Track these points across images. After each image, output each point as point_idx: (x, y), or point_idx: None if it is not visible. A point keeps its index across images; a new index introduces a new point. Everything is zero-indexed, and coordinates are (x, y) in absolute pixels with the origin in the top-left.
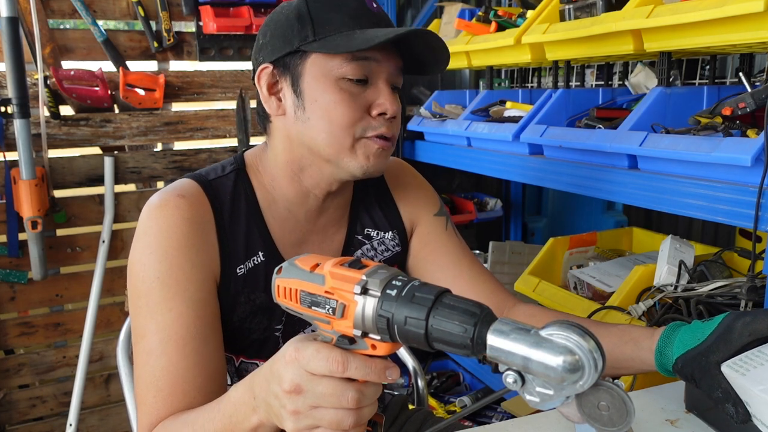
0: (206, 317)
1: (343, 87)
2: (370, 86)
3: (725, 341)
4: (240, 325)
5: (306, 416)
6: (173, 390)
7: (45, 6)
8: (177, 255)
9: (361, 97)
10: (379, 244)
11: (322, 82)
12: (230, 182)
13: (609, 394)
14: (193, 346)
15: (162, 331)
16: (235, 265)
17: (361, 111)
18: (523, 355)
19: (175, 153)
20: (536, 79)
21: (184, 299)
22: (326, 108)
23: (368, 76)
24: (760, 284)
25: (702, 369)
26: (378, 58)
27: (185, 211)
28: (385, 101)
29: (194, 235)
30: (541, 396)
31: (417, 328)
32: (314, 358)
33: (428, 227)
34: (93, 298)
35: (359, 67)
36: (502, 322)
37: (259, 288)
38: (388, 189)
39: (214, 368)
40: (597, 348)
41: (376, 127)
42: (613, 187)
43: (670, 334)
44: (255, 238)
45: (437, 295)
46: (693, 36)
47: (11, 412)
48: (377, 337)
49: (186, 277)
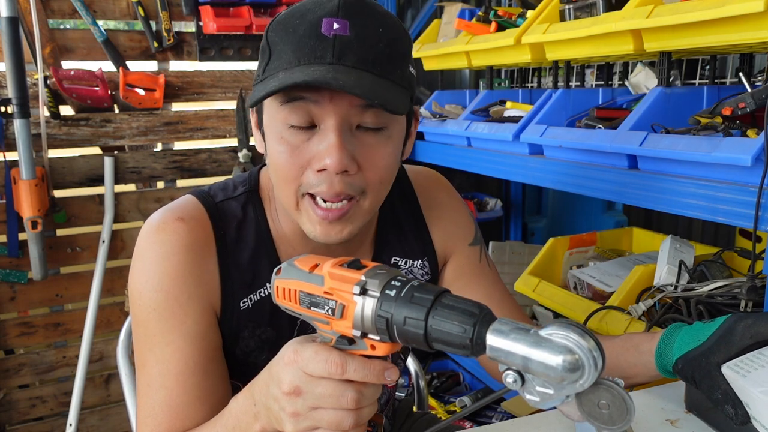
0: (206, 350)
1: (285, 136)
2: (318, 132)
3: (726, 343)
4: (245, 359)
5: (305, 418)
6: (173, 422)
7: (45, 6)
8: (173, 286)
9: (303, 147)
10: (407, 273)
11: (271, 126)
12: (239, 205)
13: (609, 393)
14: (194, 380)
15: (160, 365)
16: (238, 297)
17: (302, 166)
18: (522, 355)
19: (175, 153)
20: (536, 79)
21: (182, 333)
22: (273, 157)
23: (313, 121)
24: (760, 284)
25: (702, 370)
26: (316, 98)
27: (184, 237)
28: (326, 153)
29: (192, 264)
30: (541, 395)
31: (416, 329)
32: (313, 360)
33: (463, 258)
34: (93, 298)
35: (296, 110)
36: (502, 322)
37: (264, 323)
38: (420, 211)
39: (216, 401)
40: (596, 347)
41: (315, 184)
42: (613, 187)
43: (670, 335)
44: (263, 268)
45: (436, 296)
46: (693, 36)
47: (11, 412)
48: (376, 337)
49: (183, 310)
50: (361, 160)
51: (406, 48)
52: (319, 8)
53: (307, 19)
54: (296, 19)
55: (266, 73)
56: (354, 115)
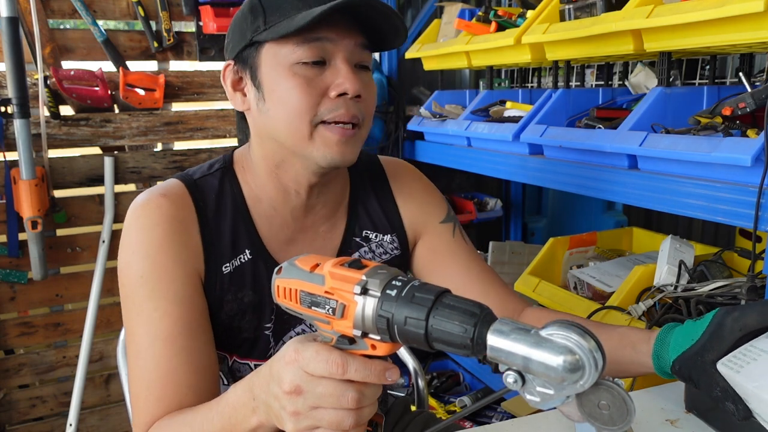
0: (193, 313)
1: (298, 72)
2: (329, 67)
3: (718, 339)
4: (229, 323)
5: (306, 417)
6: (164, 387)
7: (45, 6)
8: (159, 252)
9: (318, 80)
10: (377, 246)
11: (277, 70)
12: (216, 180)
13: (609, 393)
14: (181, 343)
15: (149, 330)
16: (220, 263)
17: (319, 95)
18: (523, 355)
19: (175, 153)
20: (536, 79)
21: (169, 297)
22: (283, 96)
23: (324, 57)
24: (760, 284)
25: (699, 369)
26: (331, 36)
27: (167, 210)
28: (344, 80)
29: (176, 233)
30: (542, 396)
31: (417, 329)
32: (314, 360)
33: (435, 236)
34: (93, 298)
35: (311, 48)
36: (502, 322)
37: (246, 286)
38: (390, 189)
39: (204, 364)
40: (597, 347)
41: (333, 109)
42: (613, 187)
43: (664, 337)
44: (241, 236)
45: (437, 296)
46: (693, 36)
47: (11, 412)
48: (377, 337)
49: (169, 275)
50: (362, 91)
51: None
52: None
53: None
54: None
55: (268, 24)
56: (357, 53)
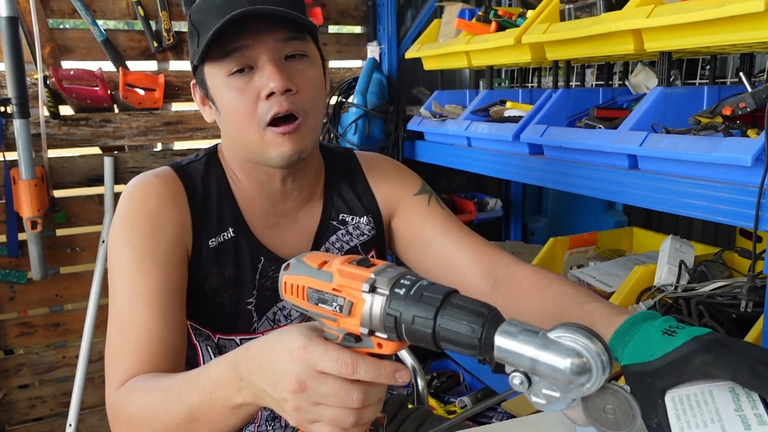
0: (174, 279)
1: (232, 84)
2: (257, 70)
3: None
4: (212, 297)
5: (307, 411)
6: (140, 343)
7: (45, 6)
8: (147, 221)
9: (250, 86)
10: (354, 228)
11: (218, 86)
12: (201, 165)
13: (615, 397)
14: (160, 301)
15: (131, 288)
16: (206, 238)
17: (253, 100)
18: (530, 357)
19: (175, 153)
20: (536, 79)
21: (154, 259)
22: (228, 109)
23: (249, 63)
24: (760, 284)
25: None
26: (246, 43)
27: (158, 187)
28: (268, 79)
29: (166, 206)
30: (548, 398)
31: (425, 328)
32: (323, 358)
33: (410, 207)
34: (93, 298)
35: (233, 59)
36: (510, 323)
37: (228, 261)
38: (364, 177)
39: (178, 325)
40: (605, 351)
41: (268, 109)
42: (613, 187)
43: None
44: (226, 214)
45: (445, 295)
46: (693, 36)
47: (11, 412)
48: (384, 335)
49: (156, 240)
50: (296, 82)
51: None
52: None
53: None
54: None
55: (200, 46)
56: (280, 48)
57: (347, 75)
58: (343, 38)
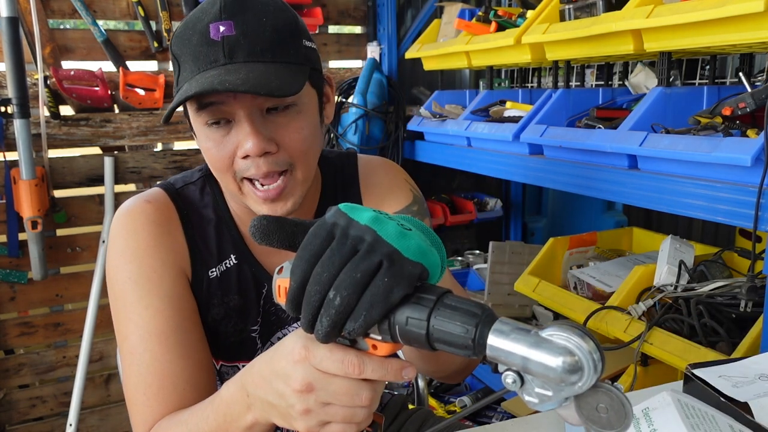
0: (184, 311)
1: (209, 134)
2: (235, 124)
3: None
4: (215, 327)
5: (317, 413)
6: (162, 384)
7: (45, 6)
8: (146, 254)
9: (226, 141)
10: None
11: (197, 128)
12: (197, 189)
13: (608, 396)
14: (175, 338)
15: (141, 329)
16: (206, 267)
17: (229, 156)
18: (522, 356)
19: (175, 153)
20: (536, 79)
21: (159, 295)
22: (205, 155)
23: (225, 117)
24: (760, 284)
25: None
26: (221, 99)
27: (151, 215)
28: (244, 140)
29: (161, 236)
30: (540, 397)
31: (418, 329)
32: (327, 359)
33: None
34: (93, 298)
35: (209, 112)
36: (503, 322)
37: (232, 291)
38: (357, 183)
39: (200, 359)
40: (596, 349)
41: (245, 169)
42: (613, 187)
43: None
44: (227, 241)
45: (439, 296)
46: (693, 36)
47: (11, 412)
48: (378, 337)
49: (158, 274)
50: (279, 138)
51: (294, 27)
52: (205, 15)
53: (198, 29)
54: (189, 30)
55: (179, 83)
56: (260, 103)
57: (347, 75)
58: (343, 38)
